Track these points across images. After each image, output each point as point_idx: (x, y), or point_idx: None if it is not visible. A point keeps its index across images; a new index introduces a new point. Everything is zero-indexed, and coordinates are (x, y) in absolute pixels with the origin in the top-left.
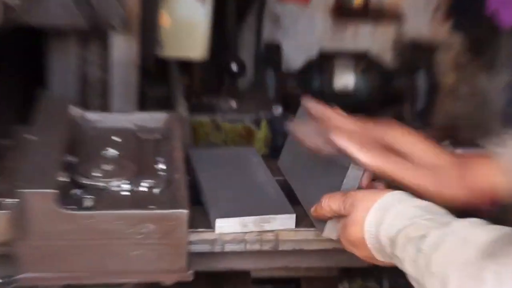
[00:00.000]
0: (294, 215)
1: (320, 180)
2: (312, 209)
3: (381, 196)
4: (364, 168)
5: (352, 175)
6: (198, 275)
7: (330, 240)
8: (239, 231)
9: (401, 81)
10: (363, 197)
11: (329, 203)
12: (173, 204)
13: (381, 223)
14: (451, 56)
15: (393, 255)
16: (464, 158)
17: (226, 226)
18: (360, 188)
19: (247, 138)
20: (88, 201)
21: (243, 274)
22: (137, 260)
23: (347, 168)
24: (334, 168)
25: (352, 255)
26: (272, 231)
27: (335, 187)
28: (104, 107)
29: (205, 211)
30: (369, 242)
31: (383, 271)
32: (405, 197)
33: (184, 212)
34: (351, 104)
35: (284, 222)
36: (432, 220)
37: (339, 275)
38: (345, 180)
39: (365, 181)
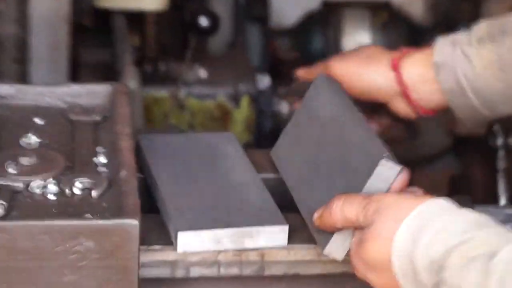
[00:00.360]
0: (286, 227)
1: (333, 178)
2: (316, 215)
3: (419, 204)
4: (402, 167)
5: (384, 174)
6: None
7: (336, 261)
8: (210, 249)
9: (431, 38)
10: (393, 203)
11: (343, 208)
12: (119, 212)
13: (419, 239)
14: (506, 7)
15: (439, 282)
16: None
17: (193, 243)
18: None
19: (222, 120)
20: None
21: None
22: None
23: (377, 163)
24: (357, 162)
25: (364, 283)
26: (256, 249)
27: (354, 188)
28: (23, 78)
29: (163, 221)
30: (398, 265)
31: None
32: (450, 205)
33: (133, 223)
34: None
35: (273, 236)
36: (495, 233)
37: None
38: (371, 180)
39: (397, 185)
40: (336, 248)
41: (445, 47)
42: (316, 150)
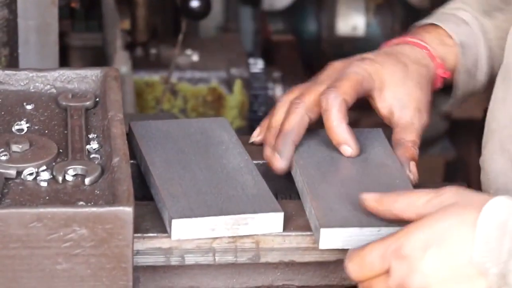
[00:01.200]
0: (281, 214)
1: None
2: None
3: (487, 202)
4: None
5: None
6: None
7: (335, 249)
8: (205, 236)
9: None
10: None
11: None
12: (112, 199)
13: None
14: None
15: None
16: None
17: (187, 230)
18: None
19: (215, 105)
20: None
21: None
22: (63, 278)
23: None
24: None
25: None
26: (251, 236)
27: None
28: (11, 60)
29: (157, 208)
30: (491, 278)
31: None
32: None
33: (127, 210)
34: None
35: (268, 224)
36: None
37: None
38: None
39: None
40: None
41: (459, 26)
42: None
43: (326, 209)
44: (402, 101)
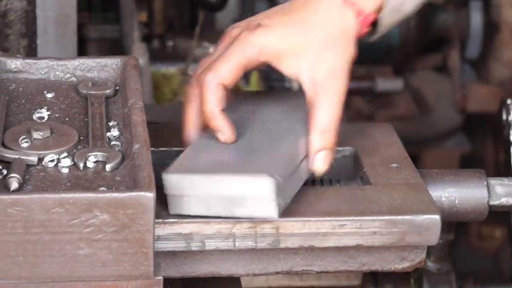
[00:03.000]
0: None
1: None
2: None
3: None
4: None
5: None
6: (169, 282)
7: (354, 234)
8: (200, 211)
9: (446, 18)
10: None
11: None
12: (133, 184)
13: None
14: None
15: None
16: None
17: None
18: None
19: None
20: (13, 181)
21: (231, 283)
22: (85, 263)
23: None
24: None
25: (383, 256)
26: (270, 221)
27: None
28: (30, 53)
29: None
30: None
31: (424, 277)
32: None
33: (148, 195)
34: (377, 50)
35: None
36: None
37: (362, 283)
38: None
39: None
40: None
41: None
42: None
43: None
44: (308, 71)
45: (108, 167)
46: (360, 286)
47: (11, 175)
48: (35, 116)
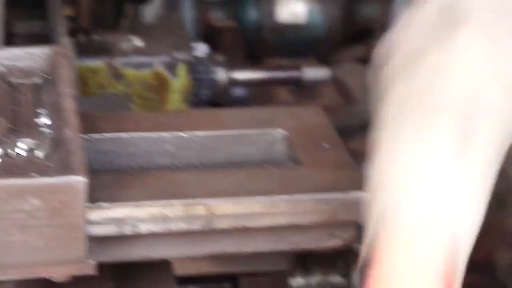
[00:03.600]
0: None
1: None
2: None
3: None
4: None
5: None
6: (103, 268)
7: (286, 213)
8: None
9: (371, 9)
10: None
11: None
12: (65, 170)
13: None
14: None
15: None
16: None
17: None
18: None
19: (159, 89)
20: None
21: (163, 269)
22: (18, 249)
23: None
24: None
25: (314, 234)
26: (202, 202)
27: None
28: None
29: (110, 179)
30: None
31: (351, 260)
32: None
33: (80, 180)
34: (302, 42)
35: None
36: None
37: (291, 267)
38: None
39: None
40: None
41: None
42: None
43: None
44: None
45: (39, 153)
46: (288, 271)
47: None
48: None
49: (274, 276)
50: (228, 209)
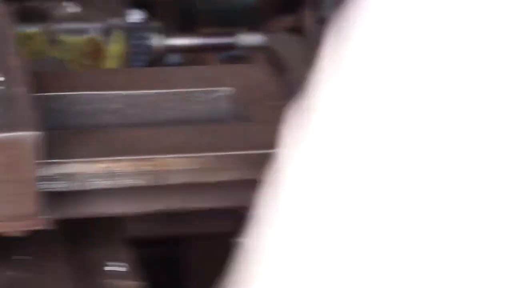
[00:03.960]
0: None
1: None
2: None
3: None
4: None
5: None
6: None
7: (234, 168)
8: None
9: None
10: None
11: None
12: (15, 125)
13: None
14: None
15: None
16: None
17: None
18: None
19: (95, 55)
20: None
21: (115, 230)
22: None
23: None
24: None
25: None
26: (150, 158)
27: None
28: None
29: (62, 136)
30: None
31: None
32: None
33: (30, 134)
34: (231, 12)
35: None
36: None
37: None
38: None
39: None
40: None
41: None
42: None
43: None
44: None
45: None
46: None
47: None
48: None
49: (223, 236)
50: (175, 165)
